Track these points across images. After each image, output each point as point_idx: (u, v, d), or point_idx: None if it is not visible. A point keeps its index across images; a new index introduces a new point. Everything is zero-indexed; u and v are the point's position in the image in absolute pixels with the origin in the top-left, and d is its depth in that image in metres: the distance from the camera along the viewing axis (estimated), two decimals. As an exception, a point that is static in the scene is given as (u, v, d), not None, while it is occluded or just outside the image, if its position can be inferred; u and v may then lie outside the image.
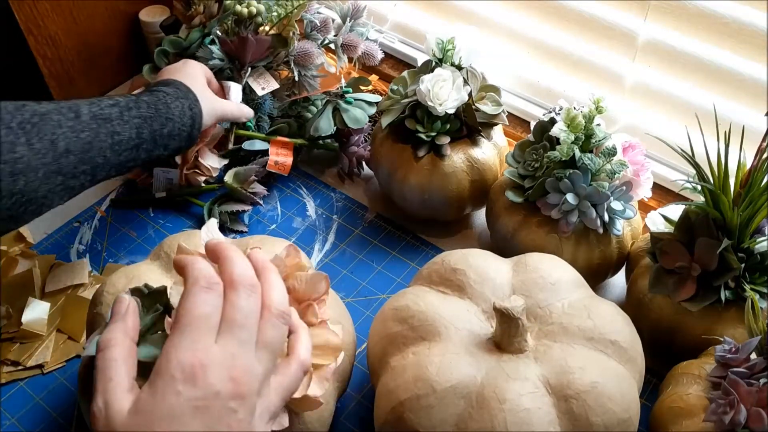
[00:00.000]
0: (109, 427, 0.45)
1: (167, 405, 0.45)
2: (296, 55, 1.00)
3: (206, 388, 0.45)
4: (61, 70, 1.11)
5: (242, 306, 0.48)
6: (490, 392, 0.62)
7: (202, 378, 0.45)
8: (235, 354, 0.47)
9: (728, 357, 0.65)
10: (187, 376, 0.45)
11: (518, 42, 1.04)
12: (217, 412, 0.45)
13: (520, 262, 0.73)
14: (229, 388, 0.46)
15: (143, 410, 0.45)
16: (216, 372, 0.46)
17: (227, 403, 0.46)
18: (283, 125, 1.02)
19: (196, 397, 0.45)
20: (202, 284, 0.48)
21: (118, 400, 0.46)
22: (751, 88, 0.86)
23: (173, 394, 0.45)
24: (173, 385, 0.45)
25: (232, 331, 0.48)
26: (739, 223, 0.71)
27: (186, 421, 0.45)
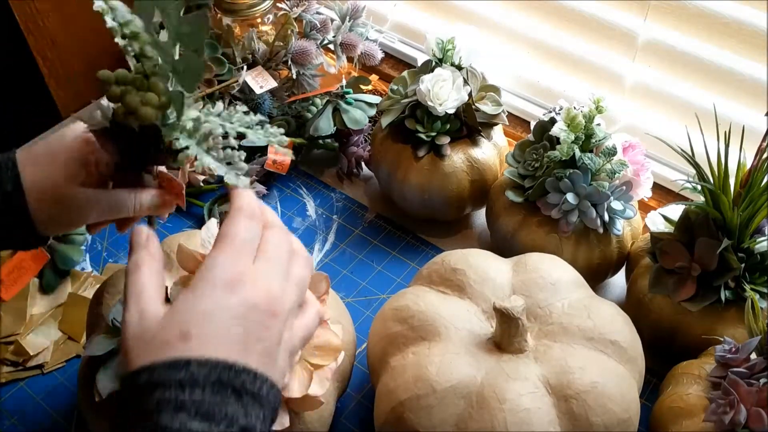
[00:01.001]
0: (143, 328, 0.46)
1: (208, 306, 0.46)
2: (294, 54, 1.00)
3: (246, 298, 0.47)
4: (61, 70, 1.11)
5: (277, 242, 0.51)
6: (490, 392, 0.62)
7: (241, 289, 0.47)
8: (270, 277, 0.49)
9: (728, 357, 0.65)
10: (228, 285, 0.47)
11: (518, 42, 1.04)
12: (253, 324, 0.47)
13: (520, 262, 0.73)
14: (265, 303, 0.47)
15: (181, 310, 0.46)
16: (254, 287, 0.47)
17: (262, 317, 0.47)
18: (281, 123, 1.02)
19: (236, 304, 0.46)
20: (246, 213, 0.50)
21: (153, 306, 0.47)
22: (751, 88, 0.86)
23: (214, 298, 0.46)
24: (215, 291, 0.47)
25: (267, 260, 0.49)
26: (739, 223, 0.71)
27: (224, 325, 0.46)
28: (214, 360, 0.44)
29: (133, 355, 0.45)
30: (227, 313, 0.46)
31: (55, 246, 0.90)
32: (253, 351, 0.46)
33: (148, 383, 0.44)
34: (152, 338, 0.45)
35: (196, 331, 0.45)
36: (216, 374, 0.44)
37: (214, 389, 0.44)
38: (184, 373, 0.44)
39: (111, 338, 0.64)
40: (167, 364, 0.44)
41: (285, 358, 0.50)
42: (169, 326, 0.46)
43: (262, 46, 1.02)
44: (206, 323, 0.45)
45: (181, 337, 0.45)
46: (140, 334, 0.46)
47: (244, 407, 0.44)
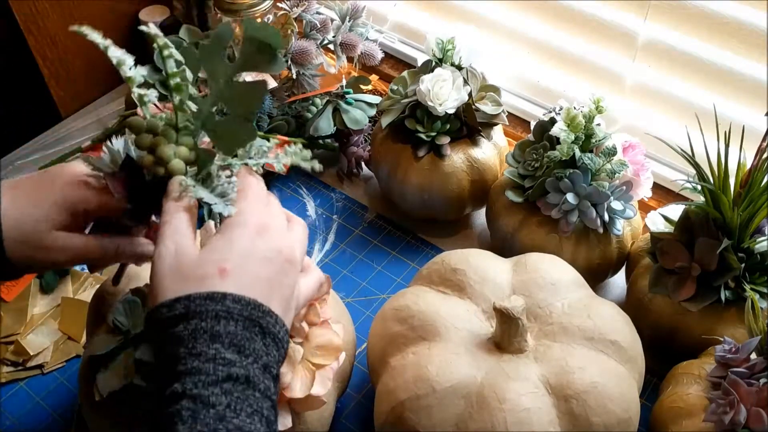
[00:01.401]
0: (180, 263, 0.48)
1: (242, 246, 0.50)
2: (294, 54, 1.00)
3: (273, 243, 0.51)
4: (61, 70, 1.11)
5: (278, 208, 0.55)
6: (490, 392, 0.62)
7: (269, 235, 0.51)
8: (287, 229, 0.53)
9: (728, 357, 0.65)
10: (260, 230, 0.51)
11: (518, 42, 1.04)
12: (278, 267, 0.51)
13: (520, 262, 0.73)
14: (287, 251, 0.52)
15: (218, 248, 0.49)
16: (279, 235, 0.52)
17: (284, 263, 0.51)
18: (281, 123, 1.02)
19: (266, 248, 0.50)
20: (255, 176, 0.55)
21: (188, 245, 0.50)
22: (751, 88, 0.86)
23: (247, 239, 0.50)
24: (248, 233, 0.50)
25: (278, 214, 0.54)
26: (739, 223, 0.71)
27: (258, 264, 0.49)
28: (248, 298, 0.48)
29: (169, 287, 0.48)
30: (259, 254, 0.50)
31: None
32: (275, 295, 0.50)
33: (185, 312, 0.46)
34: (190, 272, 0.48)
35: (233, 268, 0.48)
36: (248, 311, 0.47)
37: (245, 325, 0.47)
38: (221, 305, 0.47)
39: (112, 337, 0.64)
40: (205, 295, 0.47)
41: (293, 309, 0.53)
42: (208, 262, 0.48)
43: (262, 46, 1.02)
44: (242, 261, 0.49)
45: (219, 272, 0.48)
46: (177, 267, 0.48)
47: (266, 346, 0.48)
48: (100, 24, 1.12)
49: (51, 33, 1.07)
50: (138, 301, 0.64)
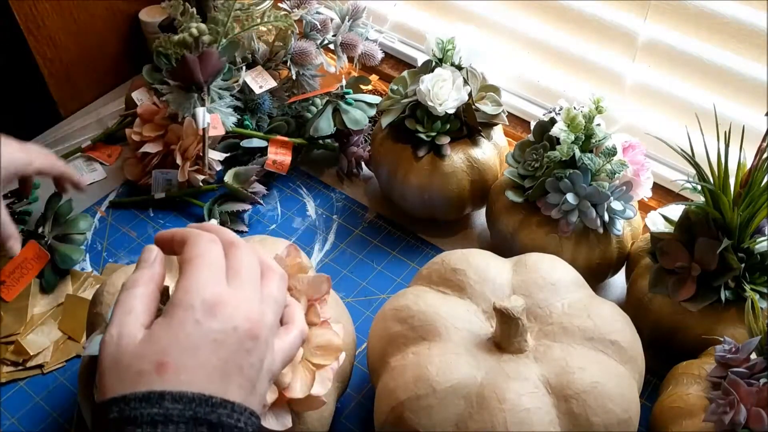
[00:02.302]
0: (120, 353, 0.43)
1: (185, 333, 0.43)
2: (294, 54, 1.00)
3: (225, 321, 0.44)
4: (61, 70, 1.11)
5: (245, 260, 0.49)
6: (490, 392, 0.62)
7: (221, 311, 0.45)
8: (249, 297, 0.47)
9: (728, 357, 0.65)
10: (207, 308, 0.44)
11: (518, 42, 1.04)
12: (234, 348, 0.44)
13: (520, 262, 0.73)
14: (246, 326, 0.45)
15: (158, 337, 0.44)
16: (234, 309, 0.45)
17: (243, 341, 0.45)
18: (281, 123, 1.02)
19: (216, 329, 0.44)
20: (206, 238, 0.48)
21: (132, 330, 0.44)
22: (751, 88, 0.85)
23: (192, 323, 0.44)
24: (193, 315, 0.44)
25: (240, 279, 0.47)
26: (739, 223, 0.71)
27: (203, 352, 0.43)
28: (190, 394, 0.42)
29: (107, 383, 0.43)
30: (207, 338, 0.44)
31: (55, 246, 0.90)
32: (233, 380, 0.44)
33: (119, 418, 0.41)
34: (128, 366, 0.43)
35: (173, 360, 0.43)
36: (191, 410, 0.42)
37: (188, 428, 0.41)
38: (158, 408, 0.41)
39: None
40: (140, 396, 0.41)
41: (265, 383, 0.47)
42: (146, 354, 0.43)
43: (262, 46, 1.02)
44: (184, 351, 0.43)
45: (157, 366, 0.42)
46: (117, 358, 0.43)
47: None
48: (100, 24, 1.13)
49: (51, 33, 1.07)
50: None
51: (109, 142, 1.09)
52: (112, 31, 1.15)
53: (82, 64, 1.13)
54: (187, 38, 0.94)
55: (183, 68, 0.93)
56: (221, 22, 0.95)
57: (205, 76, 0.93)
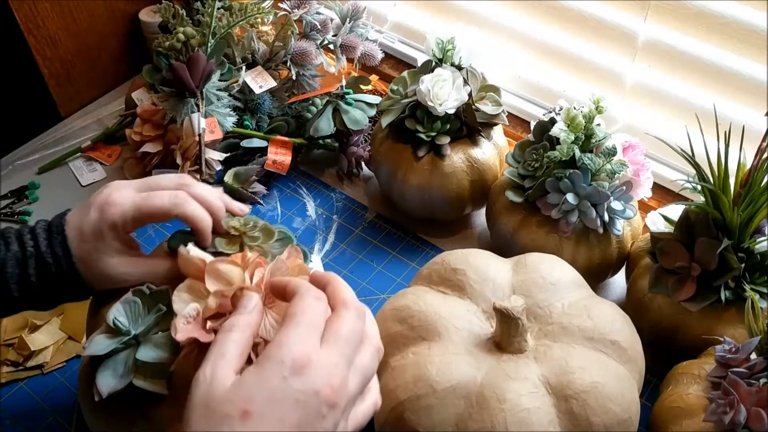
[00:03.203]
0: (210, 394, 0.47)
1: (271, 387, 0.46)
2: (293, 54, 1.00)
3: (309, 383, 0.47)
4: (61, 70, 1.11)
5: (350, 323, 0.51)
6: (490, 392, 0.62)
7: (307, 373, 0.47)
8: (337, 363, 0.49)
9: (728, 357, 0.65)
10: (296, 367, 0.47)
11: (518, 42, 1.04)
12: (312, 411, 0.47)
13: (520, 262, 0.73)
14: (327, 392, 0.47)
15: (247, 385, 0.47)
16: (320, 372, 0.47)
17: (321, 406, 0.47)
18: (281, 123, 1.02)
19: (300, 389, 0.46)
20: (313, 294, 0.51)
21: (225, 374, 0.48)
22: (751, 88, 0.85)
23: (280, 378, 0.46)
24: (281, 370, 0.47)
25: (337, 342, 0.49)
26: (739, 223, 0.71)
27: (285, 409, 0.46)
28: None
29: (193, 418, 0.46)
30: (290, 397, 0.46)
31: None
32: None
33: None
34: (216, 408, 0.46)
35: (257, 410, 0.46)
36: None
37: None
38: None
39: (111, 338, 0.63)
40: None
41: None
42: (234, 400, 0.46)
43: (262, 46, 1.02)
44: (268, 404, 0.46)
45: (242, 414, 0.45)
46: (206, 398, 0.47)
47: None
48: (100, 24, 1.13)
49: (51, 33, 1.07)
50: (138, 301, 0.64)
51: (109, 142, 1.09)
52: (112, 31, 1.15)
53: (82, 64, 1.13)
54: (175, 43, 0.94)
55: (173, 75, 0.93)
56: (205, 23, 0.95)
57: (196, 80, 0.93)
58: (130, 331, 0.62)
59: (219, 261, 0.59)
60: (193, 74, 0.92)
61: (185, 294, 0.58)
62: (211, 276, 0.58)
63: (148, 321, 0.61)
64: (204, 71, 0.93)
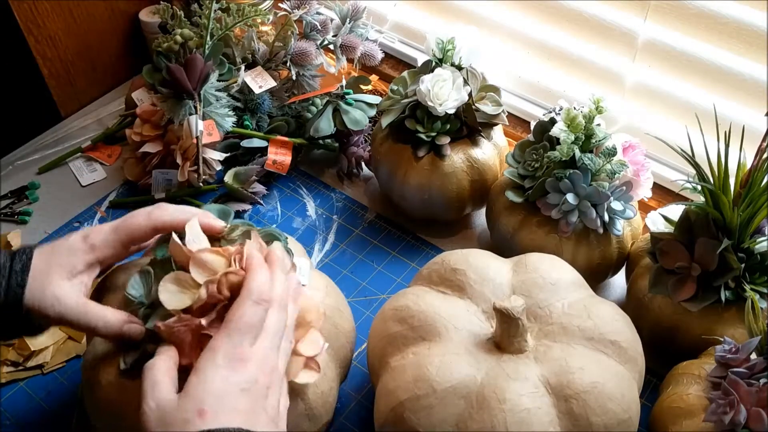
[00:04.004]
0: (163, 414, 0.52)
1: (216, 387, 0.52)
2: (293, 55, 1.00)
3: (248, 375, 0.54)
4: (61, 70, 1.11)
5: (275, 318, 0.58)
6: (490, 392, 0.62)
7: (243, 369, 0.54)
8: (267, 355, 0.56)
9: (728, 357, 0.65)
10: (233, 366, 0.54)
11: (518, 42, 1.04)
12: (256, 395, 0.54)
13: (520, 262, 0.73)
14: (264, 379, 0.55)
15: (193, 392, 0.52)
16: (254, 366, 0.54)
17: (262, 389, 0.54)
18: (281, 123, 1.02)
19: (241, 381, 0.53)
20: (253, 298, 0.56)
21: (167, 396, 0.53)
22: (751, 88, 0.86)
23: (221, 378, 0.53)
24: (220, 372, 0.53)
25: (266, 336, 0.57)
26: (739, 223, 0.71)
27: (233, 399, 0.52)
28: (232, 429, 0.51)
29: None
30: (234, 388, 0.53)
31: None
32: (260, 419, 0.53)
33: None
34: (173, 420, 0.51)
35: (210, 407, 0.51)
36: None
37: None
38: None
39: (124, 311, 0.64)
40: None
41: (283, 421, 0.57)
42: (186, 407, 0.52)
43: (262, 46, 1.02)
44: (218, 399, 0.52)
45: (198, 413, 0.51)
46: (160, 418, 0.52)
47: None
48: (100, 24, 1.13)
49: (51, 33, 1.07)
50: (151, 271, 0.64)
51: (109, 142, 1.09)
52: (112, 31, 1.15)
53: (82, 64, 1.13)
54: (172, 45, 0.94)
55: (171, 77, 0.93)
56: (203, 25, 0.95)
57: (193, 83, 0.93)
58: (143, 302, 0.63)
59: (204, 251, 0.60)
60: (190, 76, 0.92)
61: (171, 285, 0.59)
62: (197, 266, 0.59)
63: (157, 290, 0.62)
64: (201, 73, 0.93)
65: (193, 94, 0.93)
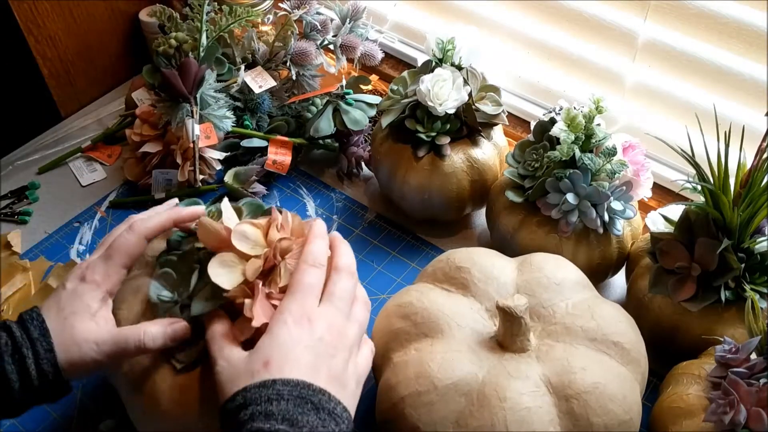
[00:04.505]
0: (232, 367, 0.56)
1: (281, 341, 0.56)
2: (293, 55, 1.00)
3: (312, 333, 0.57)
4: (61, 70, 1.11)
5: (342, 285, 0.61)
6: (491, 390, 0.62)
7: (309, 326, 0.57)
8: (333, 315, 0.59)
9: (728, 357, 0.65)
10: (298, 323, 0.57)
11: (518, 42, 1.04)
12: (321, 353, 0.57)
13: (525, 261, 0.73)
14: (329, 338, 0.58)
15: (261, 347, 0.57)
16: (319, 324, 0.58)
17: (327, 348, 0.57)
18: (281, 123, 1.02)
19: (305, 338, 0.56)
20: (309, 262, 0.61)
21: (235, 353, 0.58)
22: (751, 88, 0.86)
23: (287, 333, 0.56)
24: (286, 328, 0.57)
25: (331, 301, 0.60)
26: (739, 223, 0.71)
27: (298, 354, 0.56)
28: (294, 380, 0.54)
29: (228, 387, 0.55)
30: (299, 344, 0.56)
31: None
32: (322, 374, 0.56)
33: (243, 402, 0.53)
34: (242, 371, 0.55)
35: (275, 359, 0.55)
36: (297, 391, 0.54)
37: (296, 402, 0.53)
38: (271, 390, 0.53)
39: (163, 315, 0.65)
40: (256, 384, 0.54)
41: (353, 386, 0.59)
42: (254, 360, 0.56)
43: (262, 46, 1.02)
44: (282, 352, 0.56)
45: (264, 364, 0.55)
46: (231, 371, 0.56)
47: (322, 420, 0.53)
48: (100, 24, 1.13)
49: (51, 33, 1.07)
50: (170, 271, 0.66)
51: (109, 142, 1.09)
52: (112, 31, 1.15)
53: (82, 64, 1.13)
54: (167, 49, 0.94)
55: (165, 82, 0.93)
56: (196, 28, 0.95)
57: (188, 86, 0.92)
58: (176, 299, 0.64)
59: (242, 224, 0.63)
60: (185, 80, 0.92)
61: (219, 268, 0.61)
62: (239, 239, 0.62)
63: (193, 282, 0.64)
64: (196, 77, 0.93)
65: (189, 98, 0.93)
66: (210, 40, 0.95)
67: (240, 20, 0.96)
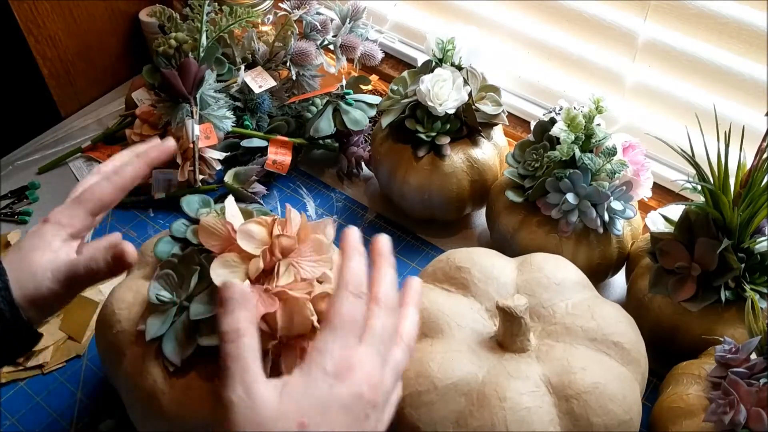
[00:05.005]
0: (258, 414, 0.46)
1: (319, 396, 0.47)
2: (293, 55, 1.00)
3: (353, 387, 0.48)
4: (61, 70, 1.11)
5: (385, 322, 0.52)
6: (491, 390, 0.62)
7: (350, 377, 0.48)
8: (374, 362, 0.50)
9: (728, 357, 0.65)
10: (339, 372, 0.48)
11: (518, 42, 1.04)
12: (358, 414, 0.48)
13: (525, 261, 0.73)
14: (369, 394, 0.49)
15: (296, 398, 0.47)
16: (361, 375, 0.49)
17: (365, 407, 0.48)
18: (281, 123, 1.02)
19: (345, 394, 0.48)
20: (351, 290, 0.51)
21: (262, 389, 0.47)
22: (751, 88, 0.86)
23: (326, 385, 0.48)
24: (327, 379, 0.48)
25: (373, 341, 0.51)
26: (739, 223, 0.71)
27: (333, 414, 0.47)
28: None
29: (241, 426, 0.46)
30: (337, 403, 0.47)
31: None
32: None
33: None
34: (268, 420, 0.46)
35: (311, 420, 0.46)
36: None
37: None
38: None
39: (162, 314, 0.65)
40: None
41: None
42: (287, 414, 0.46)
43: (262, 46, 1.02)
44: (319, 413, 0.47)
45: (298, 426, 0.46)
46: (251, 411, 0.46)
47: None
48: (100, 24, 1.13)
49: (51, 33, 1.07)
50: (171, 272, 0.66)
51: (109, 143, 1.09)
52: (112, 31, 1.15)
53: (82, 64, 1.13)
54: (167, 49, 0.94)
55: (165, 82, 0.93)
56: (196, 28, 0.95)
57: (188, 87, 0.93)
58: (175, 300, 0.64)
59: (247, 223, 0.63)
60: (184, 81, 0.92)
61: (220, 269, 0.61)
62: (244, 237, 0.62)
63: (189, 285, 0.64)
64: (196, 77, 0.93)
65: (189, 99, 0.93)
66: (210, 40, 0.95)
67: (240, 20, 0.96)
